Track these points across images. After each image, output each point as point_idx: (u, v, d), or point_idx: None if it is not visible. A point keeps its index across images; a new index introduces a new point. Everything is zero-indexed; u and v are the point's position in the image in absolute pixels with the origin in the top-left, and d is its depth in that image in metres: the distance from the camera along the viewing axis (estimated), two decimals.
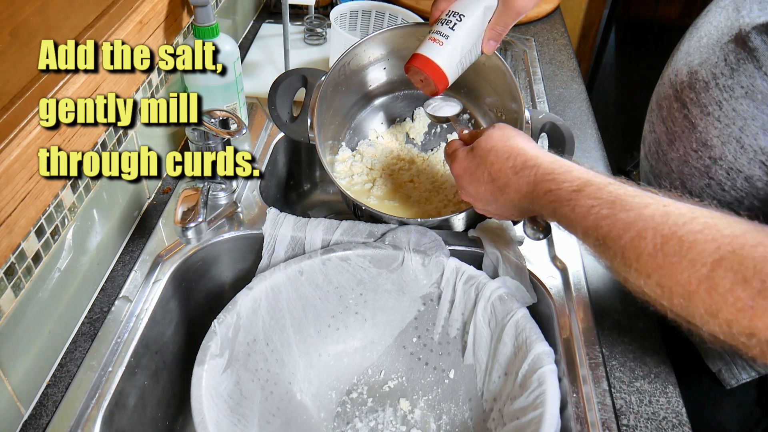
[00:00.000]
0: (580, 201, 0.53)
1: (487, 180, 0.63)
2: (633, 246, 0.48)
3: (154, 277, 0.73)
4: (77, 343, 0.66)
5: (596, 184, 0.53)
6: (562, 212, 0.55)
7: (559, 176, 0.56)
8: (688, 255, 0.44)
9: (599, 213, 0.51)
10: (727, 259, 0.42)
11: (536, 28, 1.36)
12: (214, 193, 0.79)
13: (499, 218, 0.69)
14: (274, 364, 0.72)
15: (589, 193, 0.53)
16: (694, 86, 0.65)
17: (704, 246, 0.44)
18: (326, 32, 1.23)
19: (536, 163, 0.59)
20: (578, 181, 0.54)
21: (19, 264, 0.57)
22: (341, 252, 0.75)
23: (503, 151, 0.62)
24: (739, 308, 0.42)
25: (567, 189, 0.54)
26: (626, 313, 0.73)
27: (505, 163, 0.61)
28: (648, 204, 0.49)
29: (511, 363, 0.68)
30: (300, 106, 0.83)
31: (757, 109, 0.58)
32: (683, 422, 0.63)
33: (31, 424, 0.60)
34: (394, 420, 0.76)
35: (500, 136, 0.64)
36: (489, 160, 0.63)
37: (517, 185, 0.60)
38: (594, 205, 0.51)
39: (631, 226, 0.48)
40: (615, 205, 0.50)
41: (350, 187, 0.87)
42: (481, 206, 0.68)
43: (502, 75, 0.80)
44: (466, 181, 0.67)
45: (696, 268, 0.43)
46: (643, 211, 0.48)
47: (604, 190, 0.52)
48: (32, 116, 0.57)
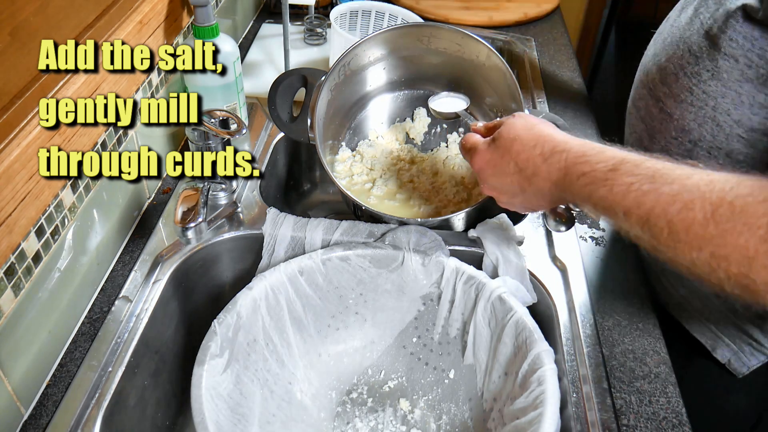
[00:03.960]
0: (617, 180, 0.51)
1: (513, 171, 0.61)
2: (681, 218, 0.46)
3: (154, 277, 0.73)
4: (77, 343, 0.66)
5: (632, 161, 0.51)
6: (599, 194, 0.52)
7: (592, 158, 0.54)
8: (742, 219, 0.43)
9: (640, 189, 0.49)
10: None
11: (536, 28, 1.36)
12: (214, 193, 0.79)
13: (524, 210, 0.67)
14: (274, 364, 0.72)
15: (626, 170, 0.51)
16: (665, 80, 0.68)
17: (756, 208, 0.42)
18: (326, 32, 1.23)
19: (566, 147, 0.57)
20: (613, 160, 0.52)
21: (19, 264, 0.57)
22: (341, 252, 0.75)
23: (529, 139, 0.60)
24: None
25: (602, 169, 0.52)
26: (626, 313, 0.73)
27: (533, 151, 0.59)
28: (690, 175, 0.47)
29: (511, 363, 0.68)
30: (300, 106, 0.83)
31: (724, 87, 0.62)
32: (683, 422, 0.63)
33: (31, 424, 0.60)
34: (394, 420, 0.76)
35: (523, 124, 0.62)
36: (514, 149, 0.61)
37: (547, 173, 0.58)
38: (633, 182, 0.49)
39: (676, 198, 0.47)
40: (655, 179, 0.48)
41: (350, 187, 0.88)
42: (505, 199, 0.65)
43: (502, 75, 0.80)
44: (489, 174, 0.64)
45: (752, 231, 0.42)
46: (686, 181, 0.47)
47: (641, 166, 0.50)
48: (32, 116, 0.57)
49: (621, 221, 0.51)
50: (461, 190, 0.87)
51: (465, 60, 0.85)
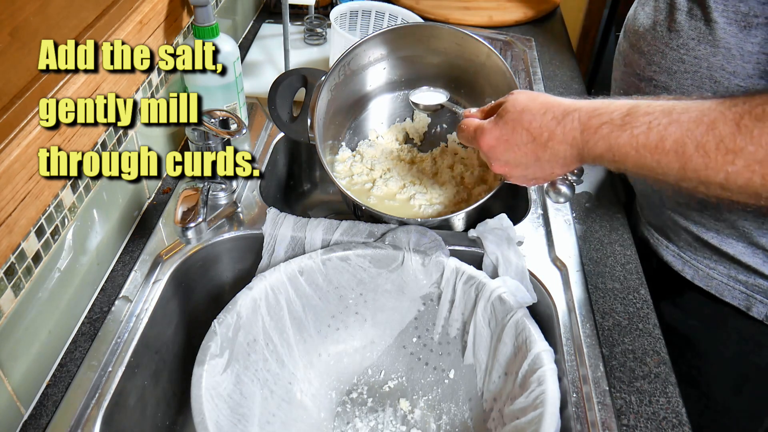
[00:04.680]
0: (635, 122, 0.53)
1: (527, 140, 0.62)
2: (709, 138, 0.48)
3: (154, 277, 0.73)
4: (77, 343, 0.66)
5: (644, 103, 0.54)
6: (621, 141, 0.54)
7: (604, 109, 0.56)
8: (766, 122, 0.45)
9: (660, 123, 0.51)
10: None
11: (536, 28, 1.35)
12: (214, 193, 0.79)
13: (536, 182, 0.68)
14: (274, 364, 0.72)
15: (642, 111, 0.53)
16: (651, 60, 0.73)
17: None
18: (326, 32, 1.23)
19: (577, 107, 0.59)
20: (626, 106, 0.55)
21: (19, 264, 0.57)
22: (341, 252, 0.75)
23: (537, 107, 0.61)
24: None
25: (618, 116, 0.54)
26: (626, 313, 0.73)
27: (544, 118, 0.60)
28: (702, 101, 0.50)
29: (511, 363, 0.68)
30: (300, 106, 0.83)
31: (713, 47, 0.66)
32: (683, 422, 0.63)
33: (31, 424, 0.60)
34: (394, 420, 0.76)
35: (527, 96, 0.63)
36: (526, 120, 0.61)
37: (563, 134, 0.59)
38: (651, 120, 0.52)
39: (698, 121, 0.49)
40: (671, 112, 0.51)
41: (350, 187, 0.88)
42: (519, 172, 0.66)
43: (502, 75, 0.80)
44: (501, 151, 0.64)
45: None
46: (702, 106, 0.49)
47: (653, 105, 0.53)
48: (32, 116, 0.57)
49: (647, 161, 0.53)
50: (461, 190, 0.87)
51: (465, 60, 0.85)
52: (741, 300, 0.76)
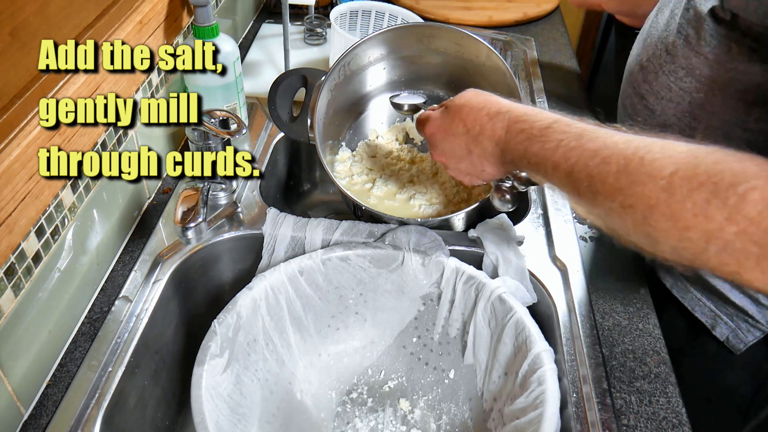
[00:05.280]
0: (550, 136, 0.55)
1: (461, 132, 0.65)
2: (599, 171, 0.50)
3: (154, 277, 0.73)
4: (77, 343, 0.66)
5: (565, 121, 0.56)
6: (533, 150, 0.57)
7: (531, 117, 0.59)
8: (648, 170, 0.47)
9: (568, 145, 0.53)
10: (682, 169, 0.45)
11: (536, 28, 1.36)
12: (214, 193, 0.79)
13: (470, 179, 0.70)
14: (274, 364, 0.72)
15: (558, 128, 0.56)
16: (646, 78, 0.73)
17: (663, 162, 0.46)
18: (326, 32, 1.23)
19: (510, 108, 0.62)
20: (549, 120, 0.57)
21: (19, 264, 0.57)
22: (341, 252, 0.75)
23: (477, 102, 0.65)
24: (695, 213, 0.44)
25: (538, 127, 0.57)
26: (626, 313, 0.73)
27: (480, 113, 0.64)
28: (614, 134, 0.52)
29: (511, 363, 0.68)
30: (300, 106, 0.83)
31: (698, 83, 0.66)
32: (683, 422, 0.63)
33: (31, 424, 0.60)
34: (394, 420, 0.76)
35: (473, 93, 0.67)
36: (464, 112, 0.65)
37: (492, 130, 0.62)
38: (563, 138, 0.54)
39: (597, 153, 0.51)
40: (582, 136, 0.53)
41: (350, 187, 0.87)
42: (453, 164, 0.69)
43: (502, 75, 0.80)
44: (439, 138, 0.69)
45: (656, 181, 0.46)
46: (608, 140, 0.51)
47: (572, 125, 0.55)
48: (32, 116, 0.57)
49: (550, 176, 0.56)
50: (461, 190, 0.87)
51: (465, 60, 0.85)
52: (708, 318, 0.77)
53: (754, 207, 0.41)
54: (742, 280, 0.43)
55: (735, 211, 0.42)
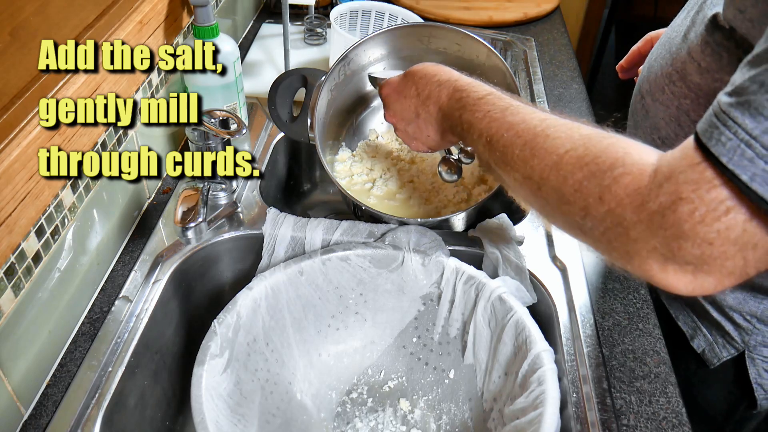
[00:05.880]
0: (481, 107, 0.59)
1: (413, 94, 0.68)
2: (511, 143, 0.53)
3: (154, 277, 0.73)
4: (77, 343, 0.66)
5: (498, 95, 0.59)
6: (465, 117, 0.60)
7: (471, 87, 0.62)
8: (546, 146, 0.50)
9: (492, 116, 0.56)
10: (576, 149, 0.48)
11: (536, 28, 1.36)
12: (214, 193, 0.79)
13: (416, 145, 0.73)
14: (274, 364, 0.72)
15: (489, 100, 0.59)
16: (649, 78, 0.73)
17: (563, 140, 0.49)
18: (326, 32, 1.23)
19: (456, 78, 0.65)
20: (484, 92, 0.60)
21: (19, 264, 0.57)
22: (341, 252, 0.75)
23: (431, 70, 0.68)
24: (575, 189, 0.46)
25: (474, 97, 0.60)
26: (626, 313, 0.73)
27: (432, 78, 0.67)
28: (534, 112, 0.54)
29: (511, 363, 0.68)
30: (300, 106, 0.83)
31: (687, 89, 0.65)
32: (683, 422, 0.63)
33: (31, 424, 0.60)
34: (394, 420, 0.76)
35: (432, 64, 0.70)
36: (417, 76, 0.69)
37: (438, 96, 0.65)
38: (490, 110, 0.57)
39: (513, 126, 0.54)
40: (507, 111, 0.56)
41: (350, 187, 0.87)
42: (402, 126, 0.72)
43: (502, 75, 0.80)
44: (393, 99, 0.72)
45: (550, 156, 0.49)
46: (528, 116, 0.54)
47: (503, 99, 0.58)
48: (32, 116, 0.57)
49: (476, 143, 0.59)
50: (461, 190, 0.87)
51: (465, 60, 0.85)
52: (689, 328, 0.77)
53: (623, 190, 0.43)
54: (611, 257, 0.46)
55: (607, 191, 0.44)
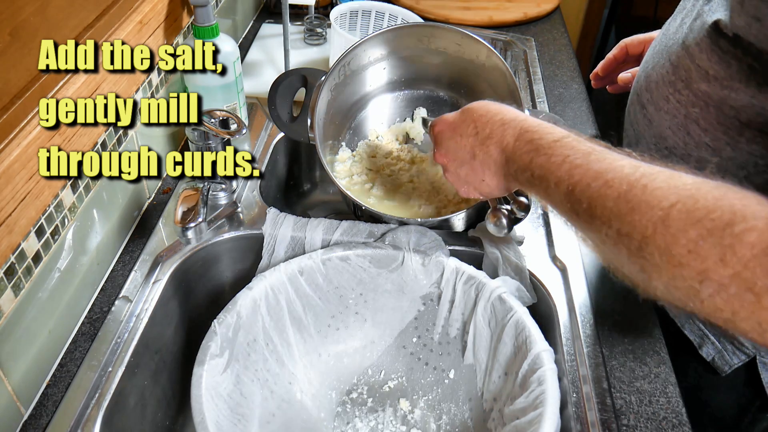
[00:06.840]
0: (557, 150, 0.54)
1: (470, 133, 0.64)
2: (600, 194, 0.48)
3: (154, 277, 0.73)
4: (77, 343, 0.66)
5: (575, 138, 0.54)
6: (538, 161, 0.55)
7: (542, 129, 0.57)
8: (648, 199, 0.44)
9: (573, 162, 0.51)
10: (682, 201, 0.43)
11: (536, 28, 1.36)
12: (214, 193, 0.79)
13: (467, 190, 0.68)
14: (274, 364, 0.72)
15: (567, 143, 0.54)
16: (648, 87, 0.71)
17: (665, 192, 0.44)
18: (326, 32, 1.23)
19: (525, 118, 0.60)
20: (560, 134, 0.56)
21: (19, 264, 0.57)
22: (341, 252, 0.75)
23: (493, 109, 0.64)
24: (689, 250, 0.41)
25: (548, 139, 0.56)
26: (626, 313, 0.73)
27: (494, 117, 0.62)
28: (621, 159, 0.50)
29: (511, 363, 0.68)
30: (300, 106, 0.83)
31: (695, 96, 0.63)
32: (683, 422, 0.63)
33: (31, 424, 0.60)
34: (394, 420, 0.76)
35: (493, 102, 0.66)
36: (477, 113, 0.64)
37: (501, 136, 0.60)
38: (569, 154, 0.52)
39: (601, 175, 0.49)
40: (590, 156, 0.51)
41: (350, 187, 0.87)
42: (454, 167, 0.67)
43: (502, 75, 0.80)
44: (446, 137, 0.67)
45: (653, 211, 0.44)
46: (615, 163, 0.49)
47: (582, 143, 0.53)
48: (32, 116, 0.57)
49: (551, 192, 0.53)
50: None
51: (465, 60, 0.85)
52: (697, 336, 0.76)
53: (750, 249, 0.38)
54: (737, 329, 0.41)
55: (730, 252, 0.39)
